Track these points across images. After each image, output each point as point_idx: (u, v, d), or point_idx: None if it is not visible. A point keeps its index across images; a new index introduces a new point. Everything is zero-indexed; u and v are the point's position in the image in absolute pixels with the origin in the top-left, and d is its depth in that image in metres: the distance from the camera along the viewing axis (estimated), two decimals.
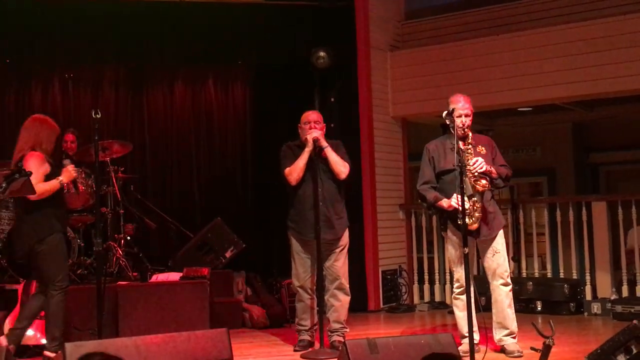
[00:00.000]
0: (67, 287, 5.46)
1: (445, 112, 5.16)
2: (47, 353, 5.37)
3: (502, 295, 5.41)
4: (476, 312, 5.24)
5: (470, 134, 5.37)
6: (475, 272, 6.42)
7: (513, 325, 5.44)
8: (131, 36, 7.91)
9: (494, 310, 5.49)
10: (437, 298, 8.63)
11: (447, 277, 8.29)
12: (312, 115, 5.91)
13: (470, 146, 5.33)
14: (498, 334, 5.46)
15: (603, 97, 8.39)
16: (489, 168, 5.31)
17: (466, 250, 4.74)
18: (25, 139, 5.41)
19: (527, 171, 10.84)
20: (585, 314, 7.54)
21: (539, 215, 8.63)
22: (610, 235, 7.87)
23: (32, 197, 5.21)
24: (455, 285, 5.55)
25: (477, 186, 5.24)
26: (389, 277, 8.56)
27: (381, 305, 8.40)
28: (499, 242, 5.45)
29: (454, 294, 5.59)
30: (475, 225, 5.26)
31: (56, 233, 5.44)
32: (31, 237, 5.37)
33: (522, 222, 8.35)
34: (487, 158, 5.39)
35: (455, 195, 5.23)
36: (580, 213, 8.03)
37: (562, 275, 8.22)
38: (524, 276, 8.28)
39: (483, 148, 5.46)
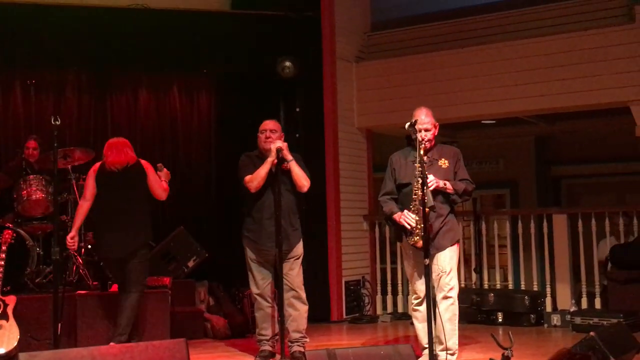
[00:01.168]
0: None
1: (408, 124, 5.16)
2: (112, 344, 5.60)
3: (442, 309, 5.28)
4: (436, 324, 5.21)
5: (422, 150, 5.10)
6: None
7: (450, 341, 5.27)
8: (94, 42, 7.86)
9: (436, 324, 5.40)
10: (400, 309, 8.66)
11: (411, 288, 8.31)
12: (269, 124, 5.90)
13: (426, 162, 5.26)
14: (437, 348, 5.31)
15: (564, 111, 8.50)
16: (441, 185, 5.24)
17: (427, 261, 4.75)
18: (132, 152, 6.06)
19: (490, 183, 10.93)
20: (545, 325, 7.61)
21: (501, 227, 8.70)
22: (570, 248, 7.97)
23: (162, 198, 6.02)
24: (413, 296, 5.52)
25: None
26: (352, 287, 8.57)
27: (344, 316, 8.41)
28: (447, 256, 5.33)
29: (411, 306, 5.57)
30: (421, 243, 5.14)
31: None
32: (138, 240, 5.86)
33: (484, 233, 8.42)
34: (447, 172, 5.35)
35: (405, 210, 5.24)
36: (542, 225, 8.11)
37: (523, 286, 8.29)
38: (486, 287, 8.33)
39: (446, 161, 5.40)
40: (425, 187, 4.82)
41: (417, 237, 5.15)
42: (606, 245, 7.90)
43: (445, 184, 5.28)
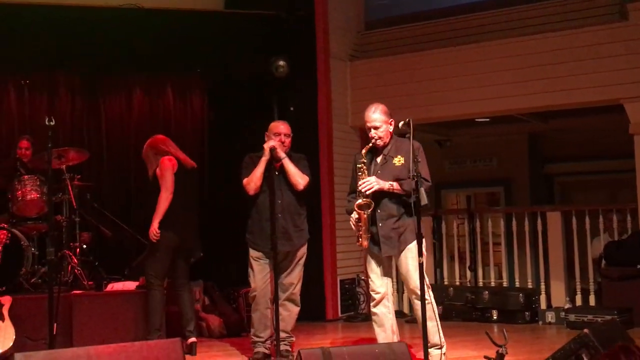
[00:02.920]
0: None
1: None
2: (191, 339, 6.22)
3: (417, 310, 5.15)
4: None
5: (366, 150, 5.18)
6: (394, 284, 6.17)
7: (435, 337, 5.16)
8: (87, 43, 7.81)
9: None
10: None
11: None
12: (283, 129, 5.77)
13: (379, 161, 5.25)
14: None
15: (557, 109, 8.52)
16: (386, 187, 5.07)
17: (421, 259, 4.73)
18: None
19: (484, 181, 10.97)
20: (540, 322, 7.64)
21: (496, 224, 8.72)
22: (564, 245, 8.00)
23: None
24: (372, 294, 5.37)
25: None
26: (347, 286, 8.58)
27: (339, 314, 8.42)
28: (409, 257, 5.16)
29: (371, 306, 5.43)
30: (365, 243, 5.15)
31: None
32: (200, 238, 6.44)
33: (478, 231, 8.44)
34: (402, 170, 5.13)
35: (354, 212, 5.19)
36: (536, 223, 8.14)
37: (517, 284, 8.31)
38: (481, 285, 8.35)
39: (402, 158, 5.17)
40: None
41: (360, 239, 5.16)
42: (600, 243, 7.93)
43: (391, 185, 5.09)
